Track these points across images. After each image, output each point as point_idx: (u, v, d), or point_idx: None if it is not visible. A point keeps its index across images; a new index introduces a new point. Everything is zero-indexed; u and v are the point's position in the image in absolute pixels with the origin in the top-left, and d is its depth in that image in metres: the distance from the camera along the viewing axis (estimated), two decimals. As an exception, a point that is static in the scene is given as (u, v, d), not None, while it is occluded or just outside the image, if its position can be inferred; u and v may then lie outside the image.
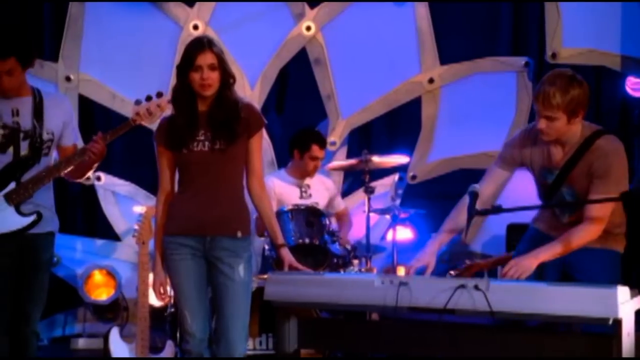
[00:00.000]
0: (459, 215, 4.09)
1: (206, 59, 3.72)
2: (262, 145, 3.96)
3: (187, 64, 3.74)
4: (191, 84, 3.74)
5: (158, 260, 3.87)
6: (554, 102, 3.83)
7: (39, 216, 4.12)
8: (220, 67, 3.75)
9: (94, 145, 4.12)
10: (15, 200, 4.07)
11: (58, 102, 4.32)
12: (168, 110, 4.04)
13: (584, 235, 3.91)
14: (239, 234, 3.79)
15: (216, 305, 3.81)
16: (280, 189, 5.89)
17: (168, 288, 3.96)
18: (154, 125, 6.55)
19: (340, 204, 6.22)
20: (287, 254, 3.94)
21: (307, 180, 6.00)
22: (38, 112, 4.15)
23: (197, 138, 3.76)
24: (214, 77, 3.73)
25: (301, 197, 5.91)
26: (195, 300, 3.79)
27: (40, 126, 4.14)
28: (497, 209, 4.01)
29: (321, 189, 6.05)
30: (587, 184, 3.95)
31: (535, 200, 4.21)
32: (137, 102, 4.15)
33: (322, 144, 5.98)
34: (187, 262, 3.78)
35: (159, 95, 4.13)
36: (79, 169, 4.23)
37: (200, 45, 3.76)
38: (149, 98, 4.15)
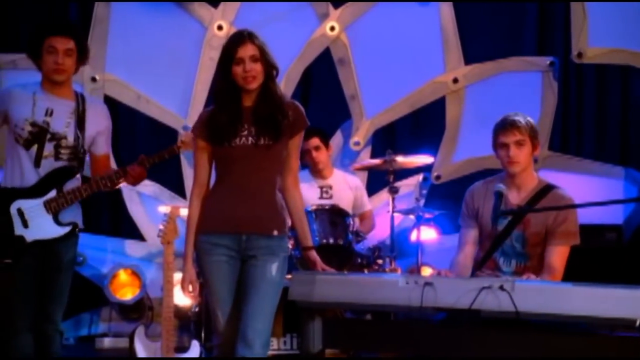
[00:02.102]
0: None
1: (247, 50, 3.61)
2: None
3: (228, 57, 3.64)
4: (234, 78, 3.64)
5: (189, 256, 3.76)
6: (520, 126, 4.09)
7: (75, 227, 4.17)
8: (262, 59, 3.64)
9: (135, 169, 4.20)
10: (55, 209, 4.11)
11: (97, 111, 4.34)
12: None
13: None
14: (275, 233, 3.68)
15: (242, 302, 3.67)
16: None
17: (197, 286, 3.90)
18: (178, 127, 6.66)
19: (365, 205, 6.16)
20: (316, 257, 3.92)
21: (330, 180, 5.98)
22: (81, 121, 4.20)
23: (240, 133, 3.65)
24: (257, 68, 3.62)
25: (321, 197, 5.90)
26: (228, 303, 3.69)
27: (82, 136, 4.19)
28: (523, 209, 4.02)
29: (344, 189, 6.02)
30: (540, 231, 4.06)
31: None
32: (185, 129, 4.22)
33: (315, 134, 5.95)
34: (221, 264, 3.68)
35: None
36: (113, 187, 4.29)
37: (240, 37, 3.65)
38: None
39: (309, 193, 5.85)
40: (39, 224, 4.09)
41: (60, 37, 4.14)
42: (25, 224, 4.08)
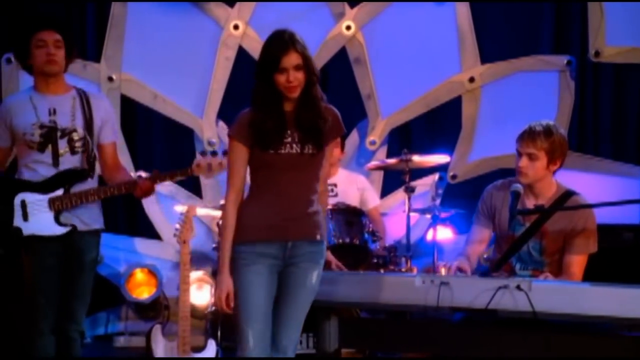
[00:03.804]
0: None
1: (291, 60, 3.47)
2: None
3: (270, 65, 3.47)
4: (276, 85, 3.49)
5: (226, 266, 3.51)
6: (538, 140, 4.01)
7: (73, 229, 4.17)
8: (305, 66, 3.51)
9: (145, 183, 4.21)
10: (58, 207, 4.12)
11: (98, 100, 4.37)
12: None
13: None
14: (318, 237, 3.57)
15: (277, 307, 3.54)
16: None
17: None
18: (192, 124, 6.67)
19: (370, 201, 6.12)
20: (331, 256, 3.93)
21: (334, 179, 5.94)
22: (89, 111, 4.22)
23: (284, 140, 3.51)
24: (300, 77, 3.48)
25: None
26: (263, 323, 3.48)
27: (90, 124, 4.21)
28: (538, 209, 4.01)
29: (349, 187, 5.99)
30: (558, 239, 4.04)
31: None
32: (203, 154, 4.25)
33: None
34: (263, 278, 3.49)
35: (225, 153, 4.15)
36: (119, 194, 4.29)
37: (284, 45, 3.47)
38: (214, 154, 4.29)
39: None
40: (39, 219, 4.11)
41: (47, 31, 4.17)
42: (25, 217, 4.10)
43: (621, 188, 6.34)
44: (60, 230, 4.14)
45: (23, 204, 4.10)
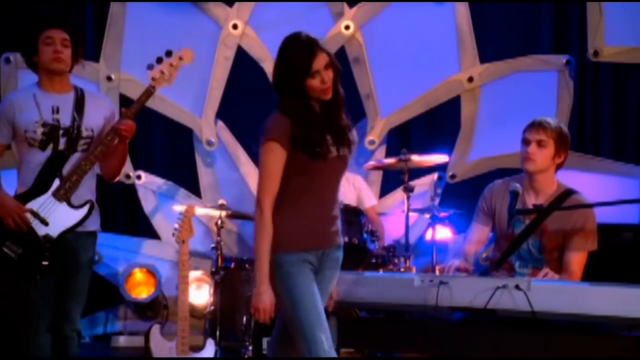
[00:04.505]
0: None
1: (321, 61, 3.38)
2: None
3: (301, 73, 3.36)
4: (309, 90, 3.39)
5: (266, 276, 3.34)
6: (548, 128, 4.09)
7: (92, 204, 4.18)
8: (333, 63, 3.43)
9: (122, 122, 4.16)
10: (65, 196, 4.11)
11: (98, 100, 4.40)
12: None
13: None
14: (341, 242, 3.55)
15: None
16: None
17: None
18: (191, 123, 6.67)
19: (367, 201, 6.13)
20: None
21: None
22: (79, 106, 4.21)
23: (329, 147, 3.42)
24: (331, 75, 3.41)
25: None
26: (325, 322, 3.37)
27: (80, 119, 4.18)
28: (537, 209, 4.00)
29: (346, 187, 5.98)
30: (557, 237, 4.05)
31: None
32: (150, 67, 4.25)
33: None
34: (313, 282, 3.40)
35: (169, 54, 4.24)
36: (115, 156, 4.25)
37: (309, 48, 3.37)
38: (159, 60, 4.31)
39: None
40: (57, 216, 4.10)
41: (56, 29, 4.18)
42: (44, 222, 4.08)
43: (620, 188, 6.34)
44: (82, 212, 4.14)
45: (34, 213, 4.08)
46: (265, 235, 3.34)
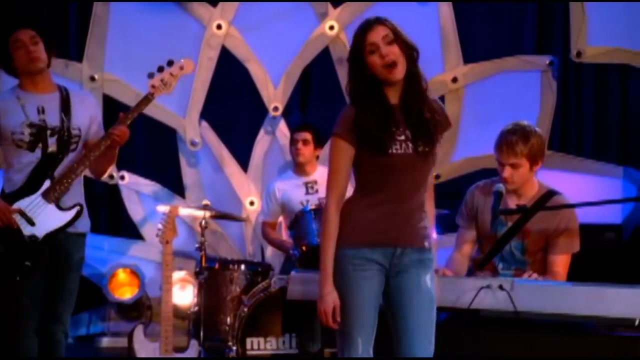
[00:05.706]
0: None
1: (378, 32, 3.23)
2: None
3: (358, 49, 3.23)
4: (373, 71, 3.22)
5: (329, 277, 3.19)
6: (517, 149, 3.99)
7: (81, 208, 4.17)
8: (398, 39, 3.25)
9: (117, 128, 4.15)
10: (54, 197, 4.10)
11: (84, 98, 4.40)
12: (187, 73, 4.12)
13: None
14: (426, 245, 3.30)
15: (397, 320, 3.27)
16: (282, 192, 5.88)
17: None
18: (175, 123, 6.65)
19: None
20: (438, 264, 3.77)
21: (314, 176, 5.94)
22: (66, 107, 4.19)
23: (397, 138, 3.21)
24: (395, 51, 3.21)
25: (307, 193, 5.88)
26: (371, 328, 3.24)
27: (68, 120, 4.17)
28: (521, 209, 4.02)
29: None
30: (540, 239, 4.05)
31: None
32: (150, 75, 4.24)
33: (309, 129, 5.96)
34: (371, 282, 3.22)
35: (170, 63, 4.23)
36: (105, 159, 4.26)
37: (366, 24, 3.27)
38: (160, 69, 4.29)
39: (295, 192, 5.86)
40: (44, 217, 4.08)
41: (21, 30, 4.15)
42: (31, 222, 4.06)
43: (603, 188, 6.37)
44: (70, 215, 4.13)
45: (21, 213, 4.05)
46: (329, 234, 3.23)
